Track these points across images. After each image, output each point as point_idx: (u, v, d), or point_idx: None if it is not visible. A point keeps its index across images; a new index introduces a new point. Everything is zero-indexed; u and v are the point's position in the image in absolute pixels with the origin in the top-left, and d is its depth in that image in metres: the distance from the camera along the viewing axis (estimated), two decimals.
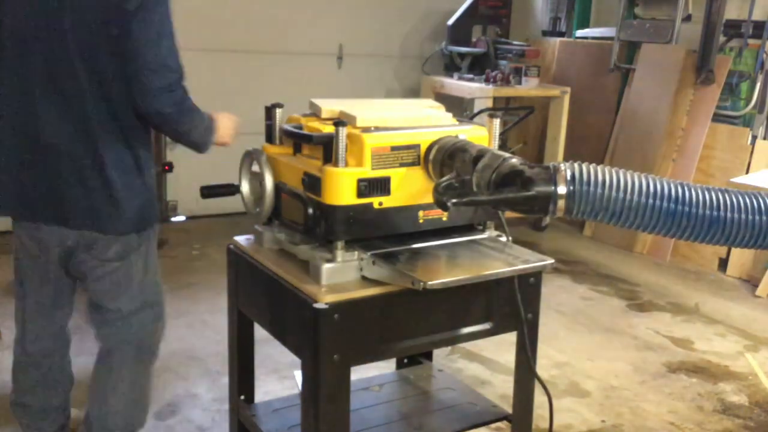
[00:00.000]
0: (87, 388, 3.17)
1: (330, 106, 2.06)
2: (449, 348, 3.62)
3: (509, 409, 2.27)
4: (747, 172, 4.94)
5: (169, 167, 4.91)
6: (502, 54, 5.75)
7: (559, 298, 4.45)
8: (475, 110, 5.24)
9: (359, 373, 2.33)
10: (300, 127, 2.03)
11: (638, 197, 1.55)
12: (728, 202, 1.56)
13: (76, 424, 2.67)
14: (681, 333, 4.06)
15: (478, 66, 5.79)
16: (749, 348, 3.89)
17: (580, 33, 6.36)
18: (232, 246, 2.24)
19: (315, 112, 2.09)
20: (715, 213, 1.55)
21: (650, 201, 1.55)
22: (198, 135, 2.24)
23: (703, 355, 3.78)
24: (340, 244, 1.89)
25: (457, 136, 1.95)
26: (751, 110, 5.12)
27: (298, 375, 2.88)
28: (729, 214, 1.56)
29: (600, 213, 1.58)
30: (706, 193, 1.57)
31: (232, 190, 2.18)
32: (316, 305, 1.81)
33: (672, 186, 1.57)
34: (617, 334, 4.01)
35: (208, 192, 2.20)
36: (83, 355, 3.46)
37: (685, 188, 1.57)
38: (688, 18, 5.48)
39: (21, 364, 2.49)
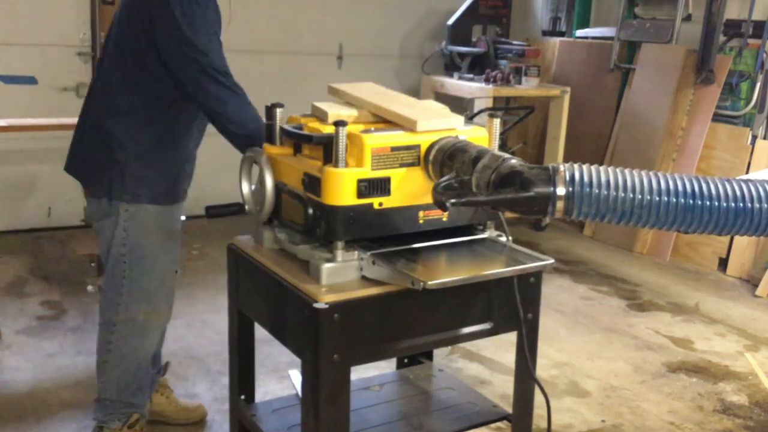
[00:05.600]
0: (88, 387, 3.18)
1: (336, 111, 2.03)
2: (449, 348, 3.62)
3: (509, 409, 2.27)
4: (747, 171, 4.94)
5: None
6: (502, 54, 5.75)
7: (559, 298, 4.45)
8: (475, 110, 5.25)
9: (359, 373, 2.33)
10: (300, 128, 2.03)
11: (650, 196, 1.54)
12: (752, 193, 1.56)
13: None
14: (681, 333, 4.06)
15: (478, 66, 5.79)
16: (749, 348, 3.90)
17: (580, 33, 6.37)
18: (232, 246, 2.24)
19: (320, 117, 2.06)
20: (740, 205, 1.55)
21: (664, 198, 1.54)
22: None
23: (703, 355, 3.78)
24: (340, 244, 1.89)
25: (457, 137, 1.95)
26: (751, 110, 5.12)
27: (294, 375, 2.88)
28: (757, 205, 1.55)
29: (608, 214, 1.57)
30: (727, 185, 1.56)
31: (238, 209, 2.17)
32: (316, 305, 1.81)
33: (687, 181, 1.56)
34: (617, 333, 4.01)
35: (213, 212, 2.22)
36: (82, 355, 3.48)
37: (702, 182, 1.56)
38: (688, 18, 5.48)
39: None
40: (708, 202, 1.55)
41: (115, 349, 2.66)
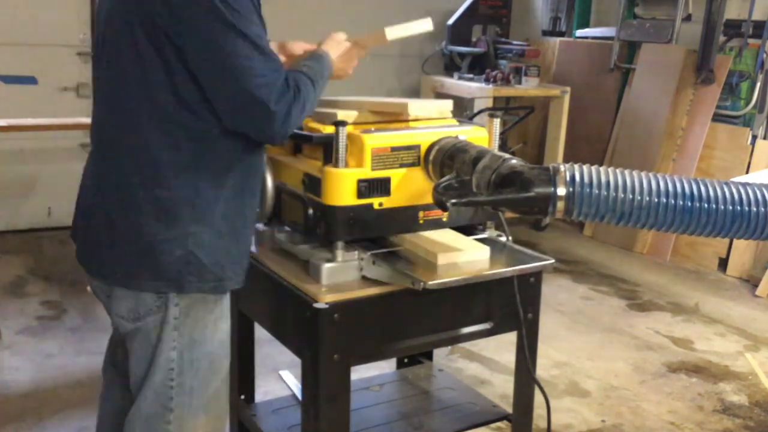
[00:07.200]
0: (88, 387, 3.18)
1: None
2: (449, 348, 3.62)
3: (509, 409, 2.27)
4: (747, 171, 4.94)
5: None
6: (502, 54, 5.75)
7: (559, 298, 4.45)
8: (475, 110, 5.24)
9: (359, 373, 2.33)
10: (300, 128, 2.03)
11: (649, 197, 1.54)
12: (750, 197, 1.56)
13: None
14: (681, 333, 4.06)
15: (478, 66, 5.79)
16: (749, 348, 3.89)
17: (580, 33, 6.36)
18: None
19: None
20: (737, 208, 1.55)
21: (663, 200, 1.54)
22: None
23: (703, 355, 3.78)
24: (340, 244, 1.89)
25: (457, 137, 1.95)
26: (751, 110, 5.12)
27: (286, 375, 2.88)
28: (754, 208, 1.55)
29: (607, 214, 1.57)
30: (725, 188, 1.56)
31: None
32: (316, 305, 1.81)
33: (686, 183, 1.56)
34: (617, 333, 4.01)
35: None
36: (82, 355, 3.48)
37: (701, 185, 1.57)
38: (688, 18, 5.48)
39: None
40: (706, 205, 1.55)
41: None
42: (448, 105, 2.10)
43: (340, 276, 1.89)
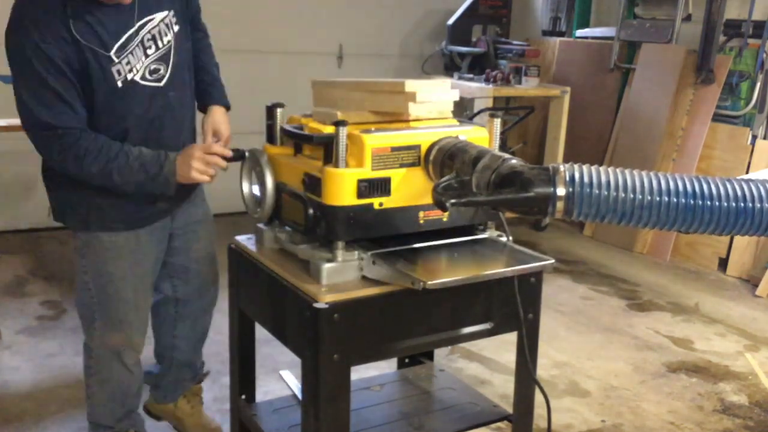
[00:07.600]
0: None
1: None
2: (449, 348, 3.62)
3: (510, 409, 2.27)
4: (747, 171, 4.94)
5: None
6: (502, 54, 5.75)
7: (559, 298, 4.45)
8: (475, 110, 5.25)
9: (359, 373, 2.33)
10: (300, 128, 2.03)
11: (650, 196, 1.54)
12: (753, 193, 1.55)
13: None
14: (681, 333, 4.06)
15: (478, 66, 5.79)
16: (749, 348, 3.90)
17: (580, 33, 6.36)
18: (232, 246, 2.24)
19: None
20: (741, 204, 1.55)
21: (665, 198, 1.54)
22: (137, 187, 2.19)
23: (703, 355, 3.78)
24: (340, 244, 1.89)
25: (457, 137, 1.95)
26: (751, 110, 5.12)
27: (286, 375, 2.87)
28: (758, 204, 1.55)
29: (608, 214, 1.57)
30: (728, 184, 1.56)
31: (240, 154, 2.17)
32: (317, 305, 1.81)
33: (687, 181, 1.56)
34: (617, 333, 4.01)
35: None
36: (82, 355, 3.48)
37: (703, 182, 1.56)
38: (688, 18, 5.48)
39: None
40: (709, 202, 1.55)
41: (95, 373, 2.50)
42: (445, 84, 2.05)
43: (340, 276, 1.90)
